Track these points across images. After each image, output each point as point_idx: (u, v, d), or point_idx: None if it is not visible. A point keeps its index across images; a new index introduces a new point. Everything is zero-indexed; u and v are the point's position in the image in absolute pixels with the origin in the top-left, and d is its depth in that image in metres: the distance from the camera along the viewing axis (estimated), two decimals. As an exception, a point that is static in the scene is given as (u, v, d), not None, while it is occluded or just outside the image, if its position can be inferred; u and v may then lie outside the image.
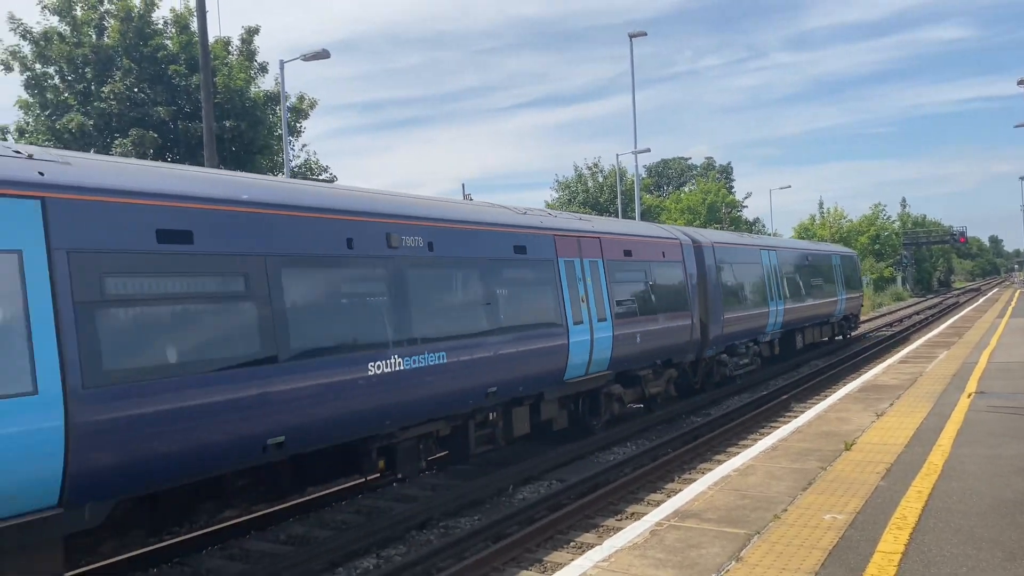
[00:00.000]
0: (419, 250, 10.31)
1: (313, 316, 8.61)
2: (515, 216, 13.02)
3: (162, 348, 7.10)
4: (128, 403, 6.67)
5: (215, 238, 7.67)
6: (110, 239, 6.80)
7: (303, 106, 34.43)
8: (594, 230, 14.86)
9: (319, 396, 8.44)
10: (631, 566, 5.82)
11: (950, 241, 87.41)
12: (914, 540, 6.19)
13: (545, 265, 12.99)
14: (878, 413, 11.69)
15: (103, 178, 7.07)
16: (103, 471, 6.54)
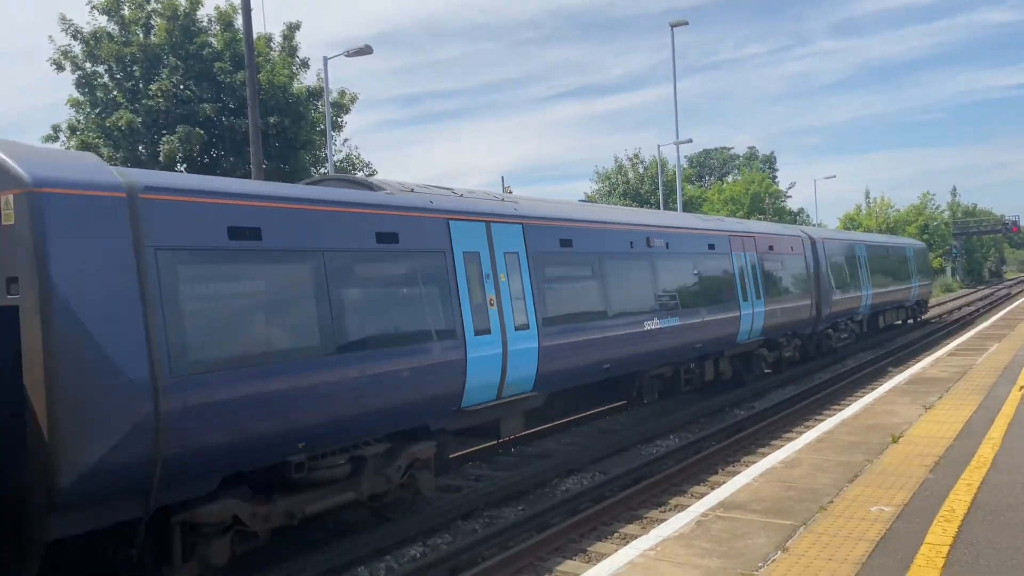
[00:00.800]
0: (664, 249, 14.93)
1: (623, 293, 13.52)
2: (705, 222, 18.40)
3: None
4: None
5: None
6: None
7: (344, 101, 34.80)
8: (748, 230, 19.25)
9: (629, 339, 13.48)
10: (677, 555, 5.88)
11: (1002, 230, 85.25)
12: (963, 532, 6.15)
13: (723, 257, 17.21)
14: (926, 406, 11.54)
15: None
16: (548, 374, 10.35)
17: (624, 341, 13.33)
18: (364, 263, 9.04)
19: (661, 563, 5.71)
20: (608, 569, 5.58)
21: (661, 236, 15.08)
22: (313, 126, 32.76)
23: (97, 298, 6.33)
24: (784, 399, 17.93)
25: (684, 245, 15.86)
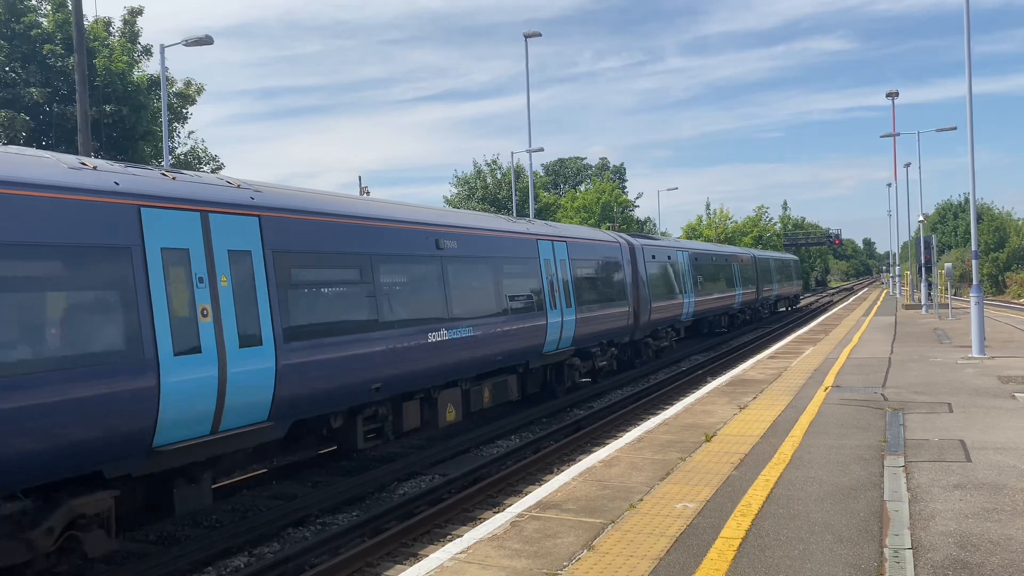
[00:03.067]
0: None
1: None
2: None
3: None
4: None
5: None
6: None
7: (190, 91, 33.36)
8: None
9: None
10: (488, 557, 6.04)
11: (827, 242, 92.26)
12: (755, 526, 6.65)
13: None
14: (741, 406, 12.36)
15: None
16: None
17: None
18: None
19: (470, 565, 5.85)
20: (417, 574, 5.67)
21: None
22: (155, 117, 31.19)
23: None
24: (621, 398, 18.70)
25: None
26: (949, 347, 20.52)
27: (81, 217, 7.49)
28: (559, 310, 16.74)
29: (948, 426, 10.45)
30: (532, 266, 16.19)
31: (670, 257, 26.10)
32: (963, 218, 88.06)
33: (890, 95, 43.13)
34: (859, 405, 12.11)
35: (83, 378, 7.20)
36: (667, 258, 25.72)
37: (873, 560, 5.82)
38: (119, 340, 7.64)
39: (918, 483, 7.78)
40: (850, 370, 16.17)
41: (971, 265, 26.99)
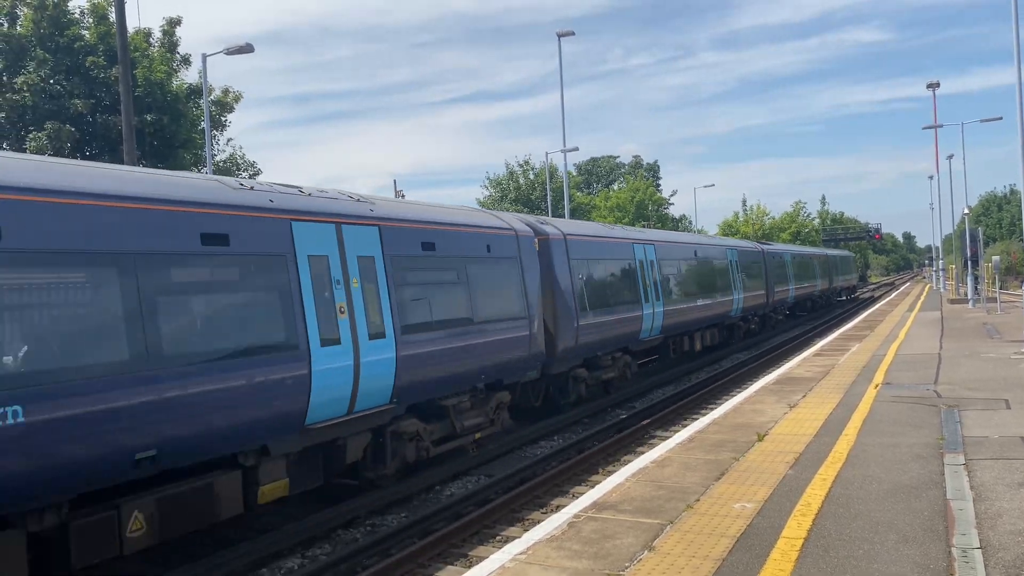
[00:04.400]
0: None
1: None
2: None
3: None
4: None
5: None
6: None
7: (227, 99, 33.80)
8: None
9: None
10: (548, 558, 6.01)
11: (866, 237, 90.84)
12: (816, 526, 6.54)
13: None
14: (791, 405, 12.18)
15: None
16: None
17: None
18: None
19: (531, 566, 5.83)
20: (477, 575, 5.66)
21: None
22: (194, 125, 31.66)
23: None
24: (663, 398, 18.55)
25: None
26: (1000, 342, 20.05)
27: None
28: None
29: (1007, 423, 10.19)
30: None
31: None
32: (1007, 210, 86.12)
33: (931, 86, 42.36)
34: (912, 402, 11.87)
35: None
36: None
37: (941, 560, 5.69)
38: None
39: (981, 481, 7.59)
40: (900, 367, 15.87)
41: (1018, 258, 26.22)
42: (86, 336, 7.04)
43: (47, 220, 6.79)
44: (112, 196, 7.49)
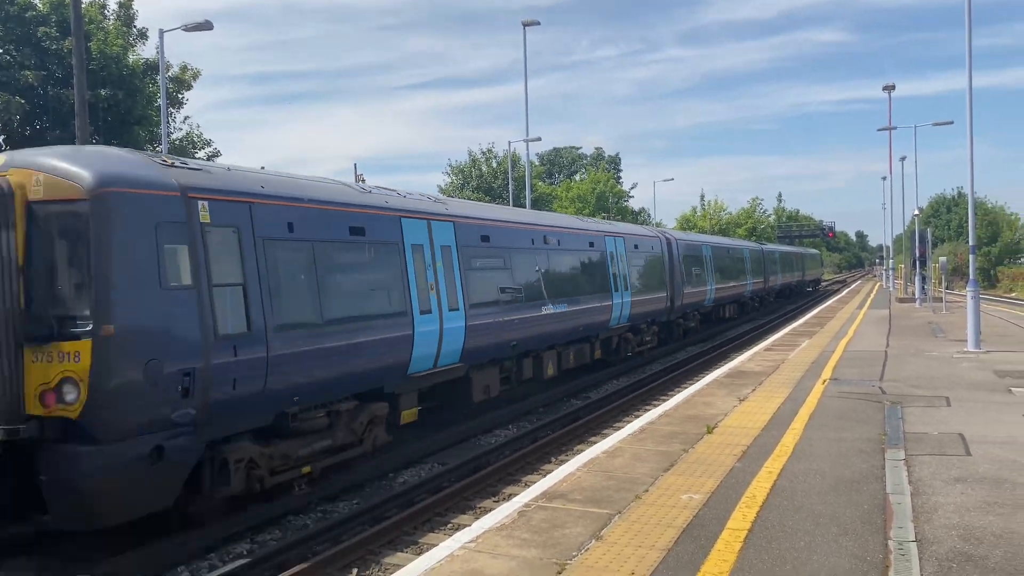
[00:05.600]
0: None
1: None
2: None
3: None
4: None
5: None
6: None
7: (185, 76, 33.14)
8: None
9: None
10: (497, 546, 6.07)
11: (820, 235, 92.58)
12: (760, 517, 6.69)
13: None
14: (741, 398, 12.41)
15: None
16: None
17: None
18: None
19: (480, 555, 5.88)
20: (427, 563, 5.70)
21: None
22: (150, 101, 31.02)
23: None
24: (617, 389, 18.76)
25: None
26: (944, 341, 20.63)
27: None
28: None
29: (947, 420, 10.52)
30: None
31: (697, 250, 30.23)
32: (956, 212, 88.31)
33: (887, 88, 43.18)
34: (858, 398, 12.18)
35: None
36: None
37: (878, 552, 5.87)
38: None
39: (919, 476, 7.84)
40: (847, 363, 16.24)
41: (964, 259, 26.95)
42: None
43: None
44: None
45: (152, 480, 8.15)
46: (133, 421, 7.90)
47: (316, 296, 10.22)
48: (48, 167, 8.10)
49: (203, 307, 8.58)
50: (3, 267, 7.77)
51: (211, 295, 8.71)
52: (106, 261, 7.85)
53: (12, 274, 7.80)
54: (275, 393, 9.41)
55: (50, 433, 7.69)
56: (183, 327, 8.37)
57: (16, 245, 7.86)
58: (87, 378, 7.62)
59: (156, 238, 8.26)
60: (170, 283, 8.33)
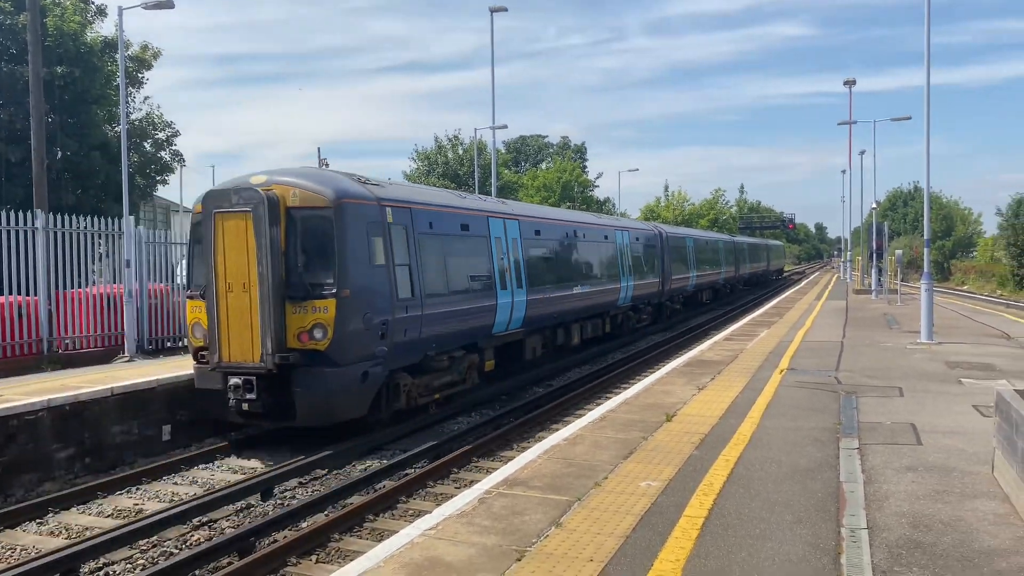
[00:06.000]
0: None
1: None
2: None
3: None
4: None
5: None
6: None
7: (146, 56, 32.45)
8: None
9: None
10: (457, 533, 6.09)
11: (780, 226, 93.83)
12: (717, 505, 6.80)
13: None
14: (700, 387, 12.57)
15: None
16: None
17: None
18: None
19: (440, 542, 5.90)
20: (387, 550, 5.69)
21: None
22: (108, 80, 30.31)
23: None
24: (579, 377, 18.90)
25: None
26: (899, 332, 21.07)
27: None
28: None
29: (899, 410, 10.75)
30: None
31: (682, 243, 35.47)
32: (912, 206, 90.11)
33: (847, 83, 43.71)
34: (814, 388, 12.40)
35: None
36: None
37: (831, 539, 6.00)
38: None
39: (872, 465, 8.01)
40: (804, 353, 16.52)
41: (919, 252, 27.44)
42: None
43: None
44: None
45: (360, 394, 12.19)
46: (356, 353, 11.91)
47: (444, 273, 14.57)
48: (301, 185, 12.04)
49: (390, 279, 12.68)
50: (273, 251, 11.45)
51: (394, 271, 12.78)
52: (343, 248, 11.84)
53: (278, 256, 11.54)
54: (424, 340, 13.61)
55: (302, 360, 11.61)
56: (381, 292, 12.46)
57: (280, 237, 11.63)
58: (332, 324, 11.61)
59: (367, 232, 12.33)
60: (374, 262, 12.40)
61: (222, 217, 11.65)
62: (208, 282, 11.79)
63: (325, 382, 11.64)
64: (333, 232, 11.79)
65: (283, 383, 11.67)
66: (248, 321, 11.58)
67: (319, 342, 11.62)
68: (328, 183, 12.23)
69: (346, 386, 11.85)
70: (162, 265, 18.08)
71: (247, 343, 11.59)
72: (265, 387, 11.61)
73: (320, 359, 11.62)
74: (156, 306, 17.42)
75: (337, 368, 11.66)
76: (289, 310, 11.66)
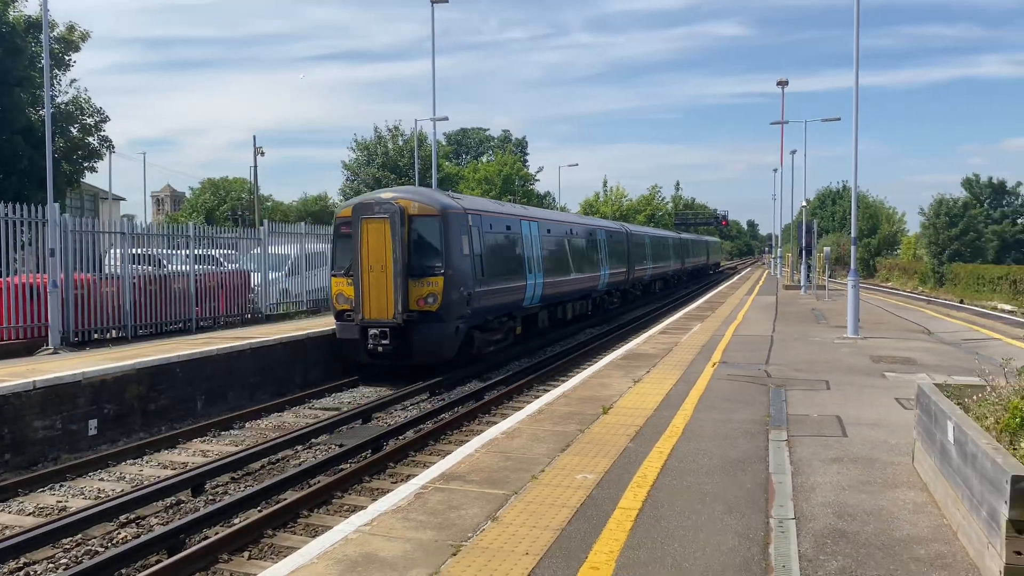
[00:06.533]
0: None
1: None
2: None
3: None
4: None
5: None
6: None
7: (73, 37, 31.29)
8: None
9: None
10: (392, 529, 6.05)
11: (714, 223, 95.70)
12: (651, 497, 6.90)
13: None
14: (635, 380, 12.74)
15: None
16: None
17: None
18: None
19: (375, 537, 5.85)
20: (321, 546, 5.63)
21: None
22: (32, 62, 29.15)
23: None
24: (519, 369, 18.98)
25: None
26: (826, 327, 21.70)
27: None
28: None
29: (826, 402, 11.08)
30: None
31: (648, 238, 44.64)
32: (840, 204, 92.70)
33: (780, 83, 44.75)
34: (745, 381, 12.68)
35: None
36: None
37: (760, 529, 6.15)
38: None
39: (800, 457, 8.24)
40: (736, 347, 16.88)
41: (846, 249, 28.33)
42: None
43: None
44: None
45: (454, 342, 17.73)
46: (454, 314, 17.45)
47: (500, 261, 20.34)
48: (418, 200, 17.78)
49: (472, 264, 18.35)
50: (402, 244, 16.86)
51: (472, 259, 18.36)
52: (447, 242, 17.44)
53: (405, 247, 16.92)
54: (487, 308, 19.30)
55: (419, 318, 17.10)
56: (468, 274, 18.06)
57: (405, 235, 17.02)
58: (440, 293, 17.15)
59: (459, 232, 17.98)
60: (463, 253, 18.00)
61: (367, 221, 17.16)
62: (354, 264, 17.24)
63: (434, 332, 17.29)
64: (440, 232, 17.46)
65: (405, 333, 17.12)
66: (384, 292, 17.00)
67: (431, 306, 17.19)
68: (435, 199, 18.39)
69: (447, 336, 17.51)
70: (90, 254, 17.45)
71: (383, 306, 17.06)
72: (393, 336, 17.02)
73: (431, 317, 17.24)
74: (82, 296, 16.82)
75: (442, 323, 17.36)
76: (411, 284, 17.10)
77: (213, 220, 60.62)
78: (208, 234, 21.85)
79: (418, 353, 17.25)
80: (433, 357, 17.55)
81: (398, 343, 17.04)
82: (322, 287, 24.57)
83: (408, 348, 17.15)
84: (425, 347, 17.26)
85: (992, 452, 5.11)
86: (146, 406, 13.53)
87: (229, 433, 13.52)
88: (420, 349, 17.20)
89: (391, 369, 17.96)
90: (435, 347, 17.44)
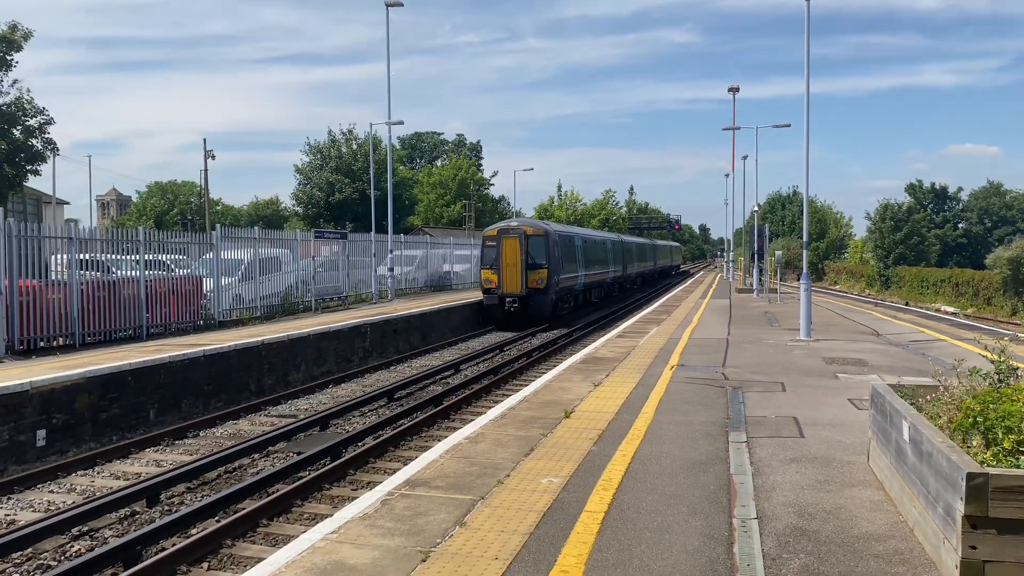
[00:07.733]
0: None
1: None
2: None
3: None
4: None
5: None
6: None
7: (15, 36, 30.47)
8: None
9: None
10: (360, 536, 6.00)
11: (667, 227, 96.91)
12: (616, 499, 6.95)
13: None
14: (595, 383, 12.82)
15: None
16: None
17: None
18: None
19: (343, 545, 5.79)
20: (288, 555, 5.55)
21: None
22: (-28, 61, 28.28)
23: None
24: (477, 375, 18.96)
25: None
26: (779, 330, 22.10)
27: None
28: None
29: (782, 404, 11.28)
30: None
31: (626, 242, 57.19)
32: (790, 209, 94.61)
33: (731, 90, 45.43)
34: (703, 383, 12.85)
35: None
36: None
37: (724, 529, 6.24)
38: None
39: (759, 457, 8.38)
40: (692, 350, 17.09)
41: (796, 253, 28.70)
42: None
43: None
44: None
45: (552, 307, 31.81)
46: (552, 290, 31.42)
47: (569, 262, 34.44)
48: (533, 226, 32.58)
49: (554, 264, 31.69)
50: (524, 251, 30.82)
51: (554, 261, 31.74)
52: (549, 250, 31.57)
53: (526, 253, 30.75)
54: (563, 289, 33.24)
55: (532, 293, 30.74)
56: (556, 268, 32.02)
57: (524, 247, 30.82)
58: (546, 278, 31.02)
59: (553, 244, 32.07)
60: (555, 256, 32.04)
61: (505, 237, 30.91)
62: (496, 261, 30.44)
63: (542, 300, 30.60)
64: (544, 244, 30.94)
65: (525, 301, 30.17)
66: (516, 277, 30.23)
67: (540, 285, 30.29)
68: (541, 226, 32.40)
69: (548, 304, 30.93)
70: (35, 260, 16.95)
71: (515, 285, 30.19)
72: (519, 303, 30.03)
73: (540, 292, 30.45)
74: (28, 304, 16.33)
75: (546, 295, 30.60)
76: (529, 272, 30.23)
77: (163, 224, 59.46)
78: (160, 239, 21.42)
79: (532, 315, 30.16)
80: (539, 314, 30.46)
81: (522, 308, 30.14)
82: (277, 292, 24.26)
83: (526, 309, 30.20)
84: (536, 311, 30.43)
85: (947, 450, 5.25)
86: (97, 415, 13.19)
87: (183, 442, 13.27)
88: (534, 312, 30.33)
89: (508, 324, 30.12)
90: (540, 310, 30.69)
